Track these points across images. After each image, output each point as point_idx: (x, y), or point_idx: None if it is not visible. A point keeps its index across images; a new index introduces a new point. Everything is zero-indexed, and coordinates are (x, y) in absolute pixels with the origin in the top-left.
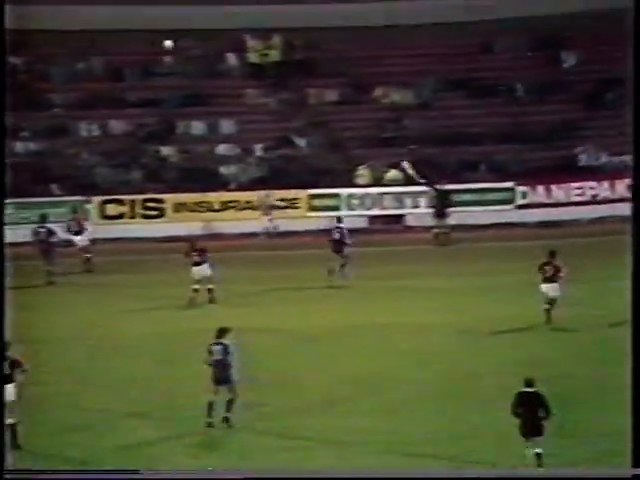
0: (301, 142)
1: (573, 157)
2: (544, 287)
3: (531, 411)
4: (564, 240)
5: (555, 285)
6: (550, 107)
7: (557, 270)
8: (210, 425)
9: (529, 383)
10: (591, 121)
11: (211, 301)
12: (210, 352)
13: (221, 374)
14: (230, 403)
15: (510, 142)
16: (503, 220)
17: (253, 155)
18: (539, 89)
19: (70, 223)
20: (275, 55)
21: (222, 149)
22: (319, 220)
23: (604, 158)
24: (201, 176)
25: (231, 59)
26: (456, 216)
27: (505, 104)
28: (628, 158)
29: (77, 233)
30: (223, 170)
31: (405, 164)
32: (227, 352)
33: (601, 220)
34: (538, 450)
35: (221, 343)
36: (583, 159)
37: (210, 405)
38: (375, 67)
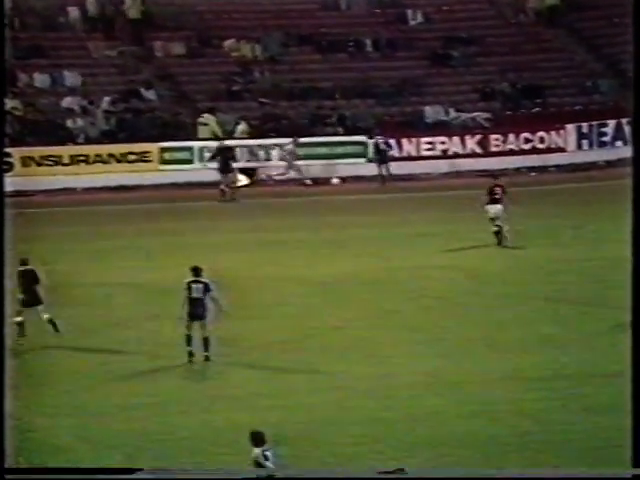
0: (149, 95)
1: (423, 112)
2: (491, 208)
3: (29, 285)
4: (416, 193)
5: (500, 206)
6: (398, 63)
7: (504, 191)
8: (191, 354)
9: (24, 262)
10: (438, 77)
11: None
12: (189, 289)
13: (197, 311)
14: (206, 341)
15: (360, 97)
16: (356, 173)
17: (100, 108)
18: (387, 46)
19: None
20: (118, 7)
21: (68, 102)
22: (170, 173)
23: (453, 114)
24: (47, 129)
25: (72, 12)
26: (309, 169)
27: (354, 60)
28: (477, 114)
29: None
30: (70, 123)
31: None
32: (207, 290)
33: (453, 174)
34: (47, 316)
35: (200, 281)
36: (432, 115)
37: (188, 337)
38: (222, 21)
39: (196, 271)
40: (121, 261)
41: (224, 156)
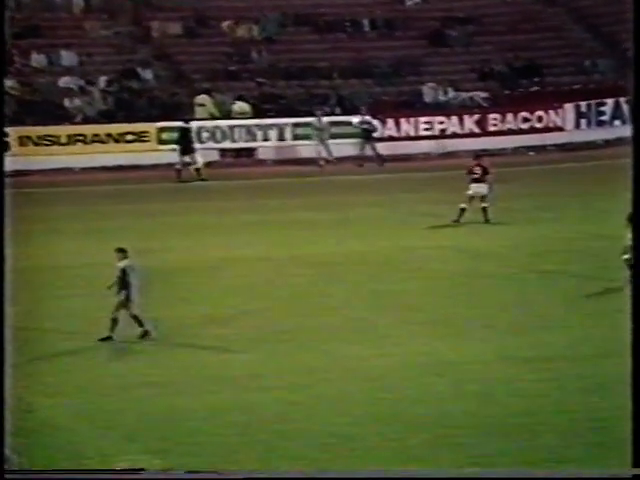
0: (146, 75)
1: (421, 92)
2: (473, 187)
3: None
4: (414, 173)
5: (484, 184)
6: (396, 43)
7: (485, 171)
8: (110, 339)
9: None
10: (436, 57)
11: None
12: (133, 269)
13: (133, 291)
14: (137, 317)
15: (357, 77)
16: (355, 153)
17: (97, 88)
18: (385, 25)
19: None
20: None
21: (65, 82)
22: (168, 153)
23: (451, 94)
24: (45, 109)
25: None
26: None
27: (351, 40)
28: (475, 94)
29: None
30: (67, 103)
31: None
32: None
33: (451, 154)
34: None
35: (131, 262)
36: (430, 94)
37: (135, 317)
38: (219, 1)
39: (124, 252)
40: (119, 242)
41: (186, 137)
